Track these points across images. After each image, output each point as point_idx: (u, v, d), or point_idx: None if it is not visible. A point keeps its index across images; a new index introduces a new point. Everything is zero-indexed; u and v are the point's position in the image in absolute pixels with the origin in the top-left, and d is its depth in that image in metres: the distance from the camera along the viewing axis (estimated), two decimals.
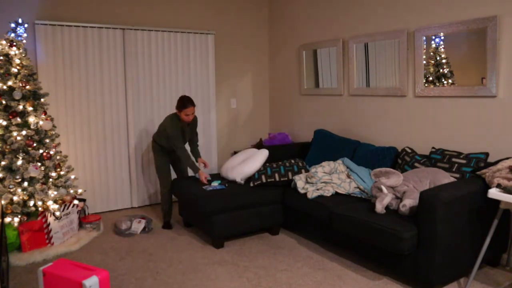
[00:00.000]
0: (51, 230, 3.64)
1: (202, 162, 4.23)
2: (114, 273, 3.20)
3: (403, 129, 3.97)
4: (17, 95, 3.60)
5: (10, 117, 3.60)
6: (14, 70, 3.64)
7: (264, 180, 3.88)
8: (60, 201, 3.77)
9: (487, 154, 3.15)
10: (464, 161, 3.19)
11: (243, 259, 3.44)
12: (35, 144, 3.66)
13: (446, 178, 3.07)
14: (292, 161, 4.05)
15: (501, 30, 3.13)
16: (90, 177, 4.65)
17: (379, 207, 3.03)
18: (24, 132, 3.61)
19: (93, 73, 4.56)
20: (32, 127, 3.65)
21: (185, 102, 3.89)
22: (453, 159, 3.25)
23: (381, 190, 3.15)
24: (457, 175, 3.17)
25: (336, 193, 3.64)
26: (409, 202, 2.95)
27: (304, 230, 3.82)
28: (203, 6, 5.26)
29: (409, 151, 3.61)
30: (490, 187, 2.76)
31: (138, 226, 4.06)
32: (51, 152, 3.78)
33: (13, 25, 3.81)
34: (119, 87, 4.72)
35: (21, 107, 3.62)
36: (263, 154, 4.11)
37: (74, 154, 4.53)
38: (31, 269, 3.27)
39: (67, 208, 3.83)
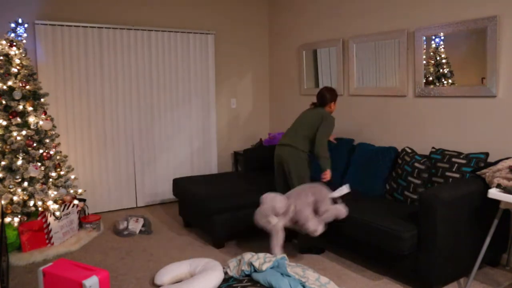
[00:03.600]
0: (51, 230, 3.64)
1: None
2: (114, 273, 3.20)
3: (403, 129, 3.97)
4: (17, 95, 3.60)
5: (10, 117, 3.60)
6: (14, 70, 3.64)
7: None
8: (60, 201, 3.77)
9: (487, 154, 3.15)
10: (464, 161, 3.18)
11: None
12: (35, 144, 3.66)
13: (329, 193, 3.14)
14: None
15: (501, 30, 3.13)
16: (90, 177, 4.65)
17: (278, 251, 3.02)
18: (24, 132, 3.61)
19: (93, 73, 4.56)
20: (32, 127, 3.65)
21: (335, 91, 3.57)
22: (453, 159, 3.25)
23: (271, 222, 3.01)
24: (457, 175, 3.17)
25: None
26: (313, 224, 2.85)
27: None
28: (203, 6, 5.27)
29: (409, 151, 3.61)
30: (490, 187, 2.76)
31: (135, 225, 4.05)
32: (51, 152, 3.78)
33: (13, 25, 3.81)
34: (119, 87, 4.72)
35: (21, 107, 3.62)
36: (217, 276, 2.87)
37: (74, 154, 4.53)
38: (31, 269, 3.27)
39: (67, 208, 3.83)
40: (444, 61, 3.55)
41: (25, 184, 3.57)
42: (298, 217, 3.06)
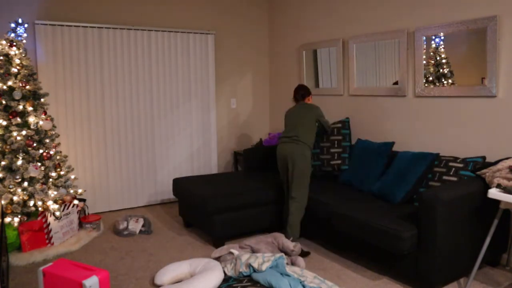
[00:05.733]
0: (51, 230, 3.64)
1: None
2: (114, 273, 3.20)
3: (403, 129, 3.97)
4: (17, 95, 3.60)
5: (10, 117, 3.60)
6: (14, 70, 3.64)
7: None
8: (60, 201, 3.77)
9: (484, 158, 3.14)
10: (461, 165, 3.18)
11: None
12: (35, 144, 3.66)
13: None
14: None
15: (501, 30, 3.13)
16: (90, 177, 4.65)
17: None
18: (24, 132, 3.61)
19: (93, 73, 4.56)
20: (32, 127, 3.65)
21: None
22: (450, 164, 3.24)
23: (232, 253, 3.12)
24: (455, 178, 3.16)
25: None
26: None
27: (304, 230, 3.82)
28: (203, 6, 5.26)
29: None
30: (490, 187, 2.76)
31: (135, 225, 4.05)
32: (51, 152, 3.78)
33: (13, 25, 3.81)
34: (119, 87, 4.72)
35: (21, 107, 3.62)
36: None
37: (74, 154, 4.53)
38: (31, 269, 3.27)
39: (67, 208, 3.83)
40: (444, 61, 3.55)
41: (25, 184, 3.57)
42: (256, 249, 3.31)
